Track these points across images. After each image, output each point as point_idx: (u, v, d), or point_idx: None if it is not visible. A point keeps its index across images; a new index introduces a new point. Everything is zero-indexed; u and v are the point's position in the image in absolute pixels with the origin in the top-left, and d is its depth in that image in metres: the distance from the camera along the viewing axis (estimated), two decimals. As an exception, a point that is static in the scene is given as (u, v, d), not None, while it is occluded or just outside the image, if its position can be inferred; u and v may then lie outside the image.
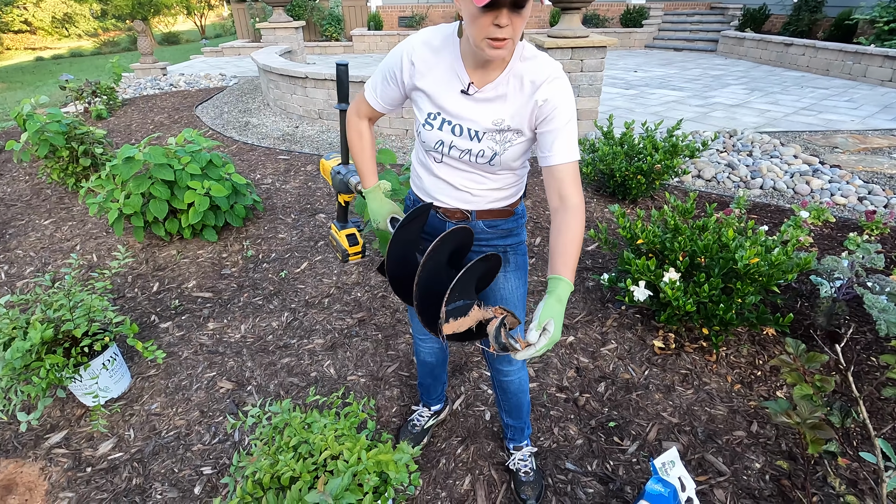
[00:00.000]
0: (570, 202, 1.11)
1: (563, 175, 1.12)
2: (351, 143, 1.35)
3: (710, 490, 1.68)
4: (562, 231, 1.09)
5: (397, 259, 1.15)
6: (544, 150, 1.15)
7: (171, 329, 2.55)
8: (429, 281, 1.06)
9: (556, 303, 1.00)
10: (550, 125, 1.12)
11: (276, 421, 1.37)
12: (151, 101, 7.05)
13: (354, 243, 1.55)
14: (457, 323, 1.04)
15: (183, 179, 2.94)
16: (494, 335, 1.00)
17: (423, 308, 1.05)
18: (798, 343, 1.61)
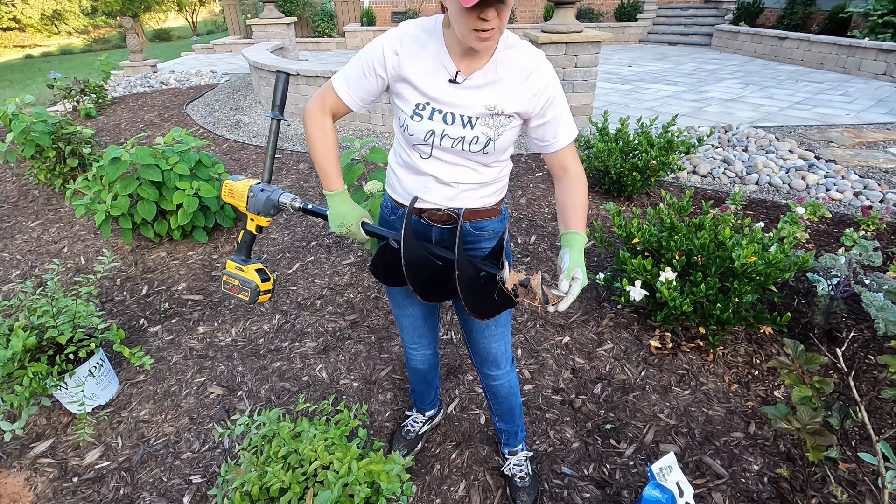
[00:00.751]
0: (573, 171, 1.22)
1: (567, 154, 1.21)
2: (313, 142, 1.28)
3: (707, 494, 1.66)
4: (568, 192, 1.20)
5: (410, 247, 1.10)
6: (548, 139, 1.20)
7: (160, 333, 2.50)
8: (462, 261, 1.08)
9: (578, 253, 1.12)
10: (550, 113, 1.17)
11: (263, 431, 1.33)
12: (141, 100, 6.96)
13: (265, 278, 1.40)
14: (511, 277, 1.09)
15: (171, 180, 2.89)
16: (541, 289, 1.07)
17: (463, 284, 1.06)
18: (797, 344, 1.58)
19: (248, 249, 1.43)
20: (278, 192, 1.35)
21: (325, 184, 1.31)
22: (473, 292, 1.07)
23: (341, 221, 1.30)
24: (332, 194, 1.30)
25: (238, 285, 1.40)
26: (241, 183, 1.39)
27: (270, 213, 1.37)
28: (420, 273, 1.11)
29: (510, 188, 3.89)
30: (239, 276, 1.39)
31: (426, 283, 1.12)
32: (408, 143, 1.23)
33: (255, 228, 1.41)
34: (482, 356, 1.48)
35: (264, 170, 1.40)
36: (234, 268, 1.40)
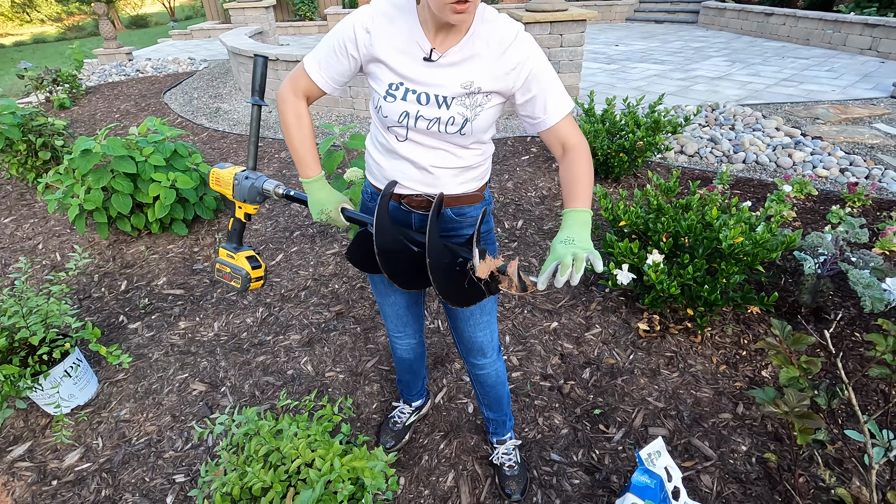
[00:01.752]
0: (572, 143, 1.12)
1: (562, 128, 1.12)
2: (287, 127, 1.22)
3: (696, 476, 1.66)
4: (568, 168, 1.10)
5: (384, 233, 1.06)
6: (538, 115, 1.12)
7: (140, 330, 2.44)
8: (435, 247, 1.01)
9: (571, 233, 0.99)
10: (535, 87, 1.09)
11: (243, 430, 1.29)
12: (117, 89, 6.76)
13: (256, 266, 1.38)
14: (484, 265, 1.02)
15: (146, 172, 2.80)
16: (518, 275, 1.00)
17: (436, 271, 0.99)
18: (784, 324, 1.56)
19: (239, 237, 1.43)
20: (262, 179, 1.34)
21: (302, 171, 1.26)
22: (448, 280, 1.03)
23: (321, 208, 1.25)
24: (309, 181, 1.25)
25: (230, 272, 1.41)
26: (227, 171, 1.39)
27: (256, 201, 1.37)
28: (396, 260, 1.07)
29: (496, 171, 3.84)
30: (230, 264, 1.40)
31: (403, 270, 1.08)
32: (383, 126, 1.17)
33: (243, 216, 1.41)
34: (468, 345, 1.45)
35: (248, 157, 1.37)
36: (226, 255, 1.41)
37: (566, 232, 1.01)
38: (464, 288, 1.05)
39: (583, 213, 1.05)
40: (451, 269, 1.04)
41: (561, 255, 0.95)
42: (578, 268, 0.93)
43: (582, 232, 1.01)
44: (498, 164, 3.99)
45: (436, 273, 0.96)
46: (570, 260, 0.93)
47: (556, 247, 0.98)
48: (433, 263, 0.95)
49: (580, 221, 1.03)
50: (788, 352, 1.54)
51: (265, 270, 1.46)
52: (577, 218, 1.04)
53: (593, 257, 0.95)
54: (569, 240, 0.99)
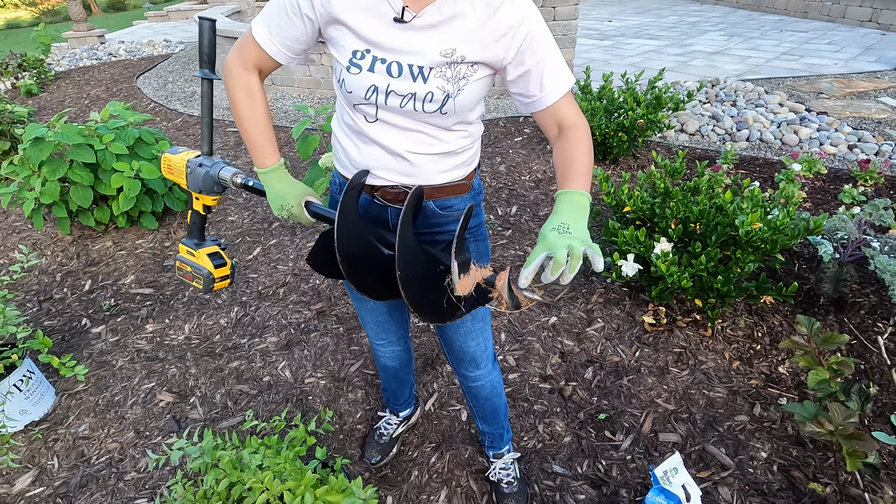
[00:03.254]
0: (569, 122, 0.96)
1: (561, 108, 0.95)
2: (236, 106, 1.01)
3: (713, 488, 1.50)
4: (566, 148, 0.94)
5: (348, 235, 0.86)
6: (532, 92, 0.93)
7: (103, 334, 2.24)
8: (408, 255, 0.81)
9: (553, 230, 0.81)
10: (530, 59, 0.90)
11: (195, 464, 1.11)
12: (88, 73, 6.42)
13: (221, 263, 1.20)
14: (466, 280, 0.83)
15: (107, 161, 2.57)
16: (508, 291, 0.82)
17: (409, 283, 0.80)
18: (812, 321, 1.40)
19: (200, 231, 1.25)
20: (219, 166, 1.14)
21: (256, 159, 1.06)
22: (425, 293, 0.84)
23: (281, 203, 1.06)
24: (265, 171, 1.06)
25: (191, 272, 1.24)
26: (180, 157, 1.19)
27: (214, 191, 1.18)
28: (364, 266, 0.88)
29: (487, 154, 3.63)
30: (191, 262, 1.23)
31: (373, 278, 0.89)
32: (348, 103, 0.97)
33: (201, 208, 1.22)
34: (458, 355, 1.27)
35: (202, 140, 1.17)
36: (186, 252, 1.24)
37: (560, 217, 0.82)
38: (443, 301, 0.86)
39: (580, 195, 0.87)
40: (430, 280, 0.85)
41: (553, 245, 0.77)
42: (573, 266, 0.76)
43: (579, 219, 0.83)
44: (489, 146, 3.78)
45: (409, 287, 0.77)
46: (563, 254, 0.76)
47: (546, 235, 0.80)
48: (405, 276, 0.76)
49: (577, 205, 0.85)
50: (817, 352, 1.38)
51: (232, 268, 1.28)
52: (574, 201, 0.86)
53: (592, 253, 0.77)
54: (563, 228, 0.81)
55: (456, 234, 0.78)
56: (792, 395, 1.77)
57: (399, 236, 0.76)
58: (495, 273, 0.82)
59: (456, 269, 0.77)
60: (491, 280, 0.81)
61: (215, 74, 1.13)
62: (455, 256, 0.77)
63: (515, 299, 0.79)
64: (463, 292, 0.79)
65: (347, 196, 0.88)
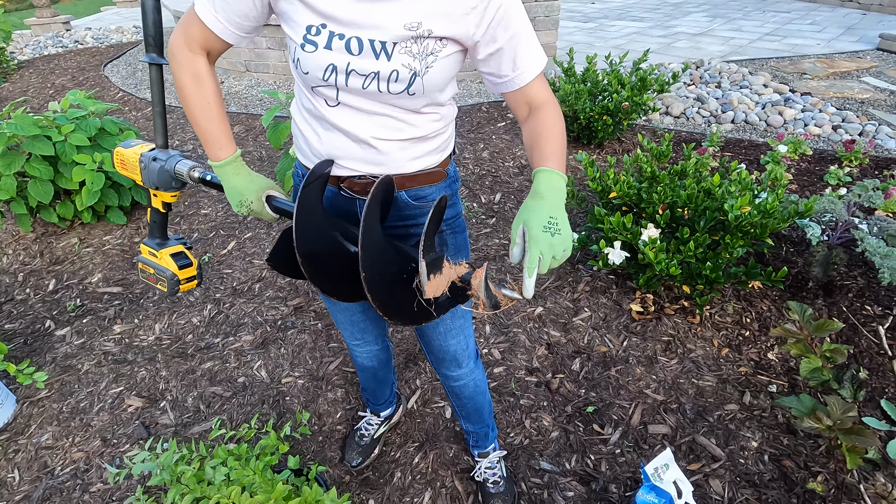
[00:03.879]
0: (539, 101, 0.90)
1: (533, 89, 0.89)
2: (184, 92, 0.91)
3: (704, 481, 1.46)
4: (539, 124, 0.88)
5: (309, 232, 0.78)
6: (505, 73, 0.86)
7: (68, 336, 2.13)
8: (374, 253, 0.73)
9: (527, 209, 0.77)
10: (503, 35, 0.82)
11: (155, 481, 1.03)
12: (53, 62, 6.14)
13: (185, 264, 1.12)
14: (437, 280, 0.76)
15: (67, 153, 2.42)
16: (485, 290, 0.75)
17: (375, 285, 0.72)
18: (804, 308, 1.35)
19: (161, 230, 1.17)
20: (175, 160, 1.06)
21: (210, 150, 0.96)
22: (395, 293, 0.76)
23: (239, 199, 0.96)
24: (220, 165, 0.96)
25: (154, 274, 1.16)
26: (133, 150, 1.11)
27: (172, 186, 1.09)
28: (328, 265, 0.79)
29: (469, 141, 3.54)
30: (153, 263, 1.15)
31: (338, 278, 0.81)
32: (306, 86, 0.88)
33: (161, 205, 1.14)
34: (438, 355, 1.20)
35: (155, 132, 1.07)
36: (148, 253, 1.16)
37: (546, 208, 0.77)
38: (414, 302, 0.79)
39: (559, 178, 0.82)
40: (401, 280, 0.77)
41: (544, 247, 0.74)
42: (545, 269, 0.75)
43: (562, 208, 0.79)
44: (472, 132, 3.69)
45: (376, 289, 0.69)
46: (549, 259, 0.74)
47: (536, 233, 0.74)
48: (371, 276, 0.68)
49: (556, 188, 0.80)
50: (810, 339, 1.33)
51: (199, 268, 1.19)
52: (553, 183, 0.81)
53: (566, 254, 0.76)
54: (552, 225, 0.76)
55: (423, 231, 0.70)
56: (781, 381, 1.74)
57: (363, 233, 0.68)
58: (473, 269, 0.74)
59: (424, 270, 0.70)
60: (467, 278, 0.73)
61: (164, 58, 1.03)
62: (423, 255, 0.69)
63: (494, 298, 0.72)
64: (433, 294, 0.71)
65: (307, 189, 0.79)
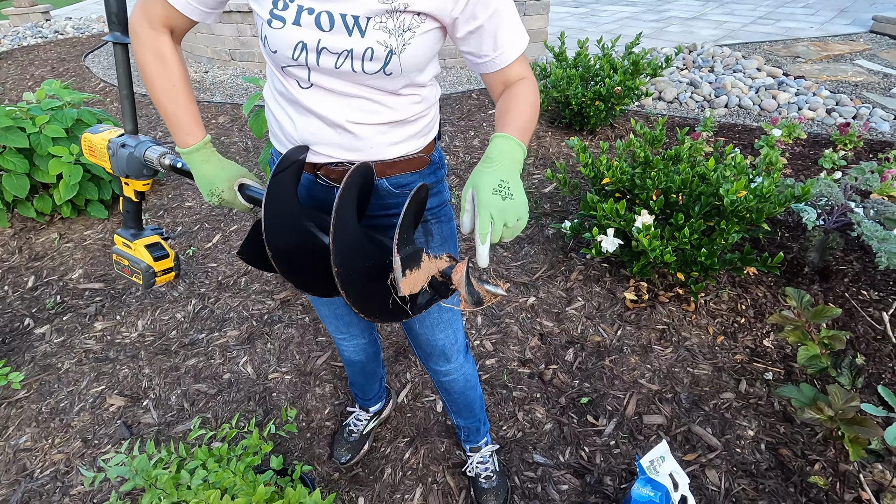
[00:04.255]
0: (515, 78, 0.86)
1: (514, 69, 0.84)
2: (147, 73, 0.85)
3: (700, 472, 1.44)
4: (506, 102, 0.84)
5: (281, 224, 0.73)
6: (486, 51, 0.81)
7: (48, 334, 2.06)
8: (347, 247, 0.68)
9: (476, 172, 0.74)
10: (483, 12, 0.77)
11: (125, 487, 0.98)
12: (32, 53, 5.98)
13: (161, 255, 1.07)
14: (413, 276, 0.71)
15: (42, 146, 2.34)
16: (466, 286, 0.70)
17: (349, 281, 0.66)
18: (801, 294, 1.32)
19: (136, 219, 1.12)
20: (145, 146, 1.00)
21: (177, 136, 0.90)
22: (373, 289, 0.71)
23: (209, 188, 0.90)
24: (187, 151, 0.90)
25: (128, 266, 1.11)
26: (101, 136, 1.05)
27: (143, 175, 1.04)
28: (302, 260, 0.74)
29: (460, 128, 3.48)
30: (127, 255, 1.10)
31: (312, 272, 0.76)
32: (276, 66, 0.82)
33: (133, 194, 1.08)
34: (425, 349, 1.15)
35: (123, 117, 1.01)
36: (122, 244, 1.10)
37: (497, 171, 0.73)
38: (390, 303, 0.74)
39: (517, 146, 0.77)
40: (380, 274, 0.72)
41: (494, 211, 0.69)
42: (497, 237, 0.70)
43: (515, 174, 0.75)
44: (463, 119, 3.62)
45: (350, 285, 0.64)
46: (500, 227, 0.70)
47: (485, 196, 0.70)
48: (345, 272, 0.63)
49: (509, 154, 0.76)
50: (808, 326, 1.30)
51: (176, 259, 1.14)
52: (506, 149, 0.76)
53: (521, 223, 0.72)
54: (504, 188, 0.71)
55: (398, 223, 0.65)
56: (777, 368, 1.71)
57: (335, 224, 0.63)
58: (455, 261, 0.69)
59: (398, 265, 0.64)
60: (448, 273, 0.68)
61: (128, 37, 0.96)
62: (398, 249, 0.64)
63: (476, 294, 0.67)
64: (409, 291, 0.66)
65: (277, 178, 0.73)
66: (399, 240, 0.64)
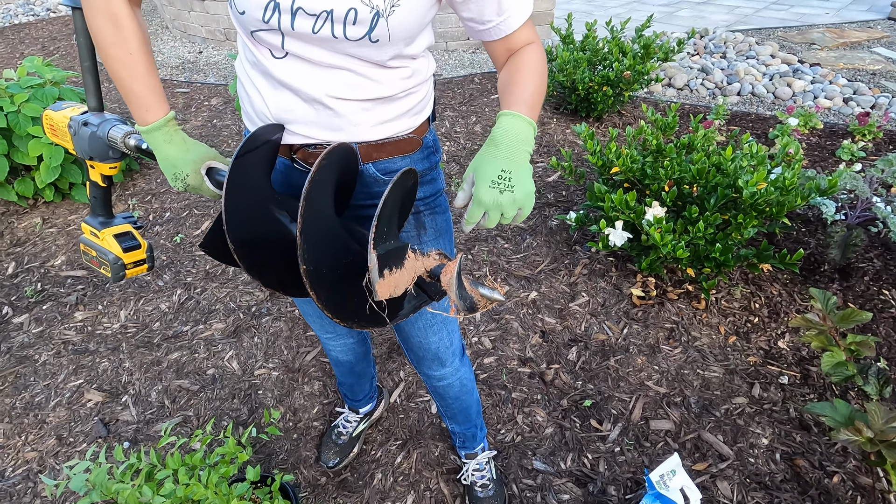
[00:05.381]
0: (520, 45, 0.76)
1: (519, 36, 0.75)
2: (99, 42, 0.74)
3: (711, 483, 1.35)
4: (511, 70, 0.75)
5: (245, 213, 0.63)
6: (490, 16, 0.71)
7: (26, 324, 1.97)
8: (320, 241, 0.57)
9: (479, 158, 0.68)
10: None
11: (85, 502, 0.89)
12: (23, 31, 5.82)
13: (132, 246, 0.97)
14: (394, 277, 0.60)
15: (21, 125, 2.22)
16: (457, 288, 0.58)
17: (320, 282, 0.56)
18: (827, 295, 1.22)
19: (104, 206, 1.01)
20: (109, 125, 0.89)
21: (135, 113, 0.79)
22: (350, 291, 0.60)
23: (173, 172, 0.79)
24: (147, 130, 0.79)
25: (96, 257, 1.01)
26: (63, 113, 0.94)
27: (109, 157, 0.93)
28: (270, 255, 0.64)
29: (462, 114, 3.34)
30: (95, 245, 1.00)
31: (284, 269, 0.65)
32: (245, 32, 0.71)
33: (99, 178, 0.98)
34: (417, 352, 1.05)
35: (86, 92, 0.90)
36: (90, 234, 1.01)
37: (500, 160, 0.65)
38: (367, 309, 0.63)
39: (523, 122, 0.68)
40: (359, 273, 0.61)
41: (489, 206, 0.64)
42: (492, 224, 0.66)
43: (522, 161, 0.66)
44: (464, 104, 3.49)
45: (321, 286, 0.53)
46: (496, 217, 0.65)
47: (482, 190, 0.63)
48: (315, 270, 0.52)
49: (517, 135, 0.66)
50: (833, 331, 1.20)
51: (150, 251, 1.03)
52: (514, 129, 0.67)
53: (524, 212, 0.67)
54: (504, 181, 0.64)
55: (376, 215, 0.54)
56: (793, 372, 1.61)
57: (303, 215, 0.52)
58: (446, 259, 0.59)
59: (374, 265, 0.54)
60: (436, 272, 0.58)
61: None
62: (374, 245, 0.53)
63: (469, 299, 0.57)
64: (388, 294, 0.56)
65: (241, 161, 0.63)
66: (376, 234, 0.53)
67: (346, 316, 0.59)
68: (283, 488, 1.21)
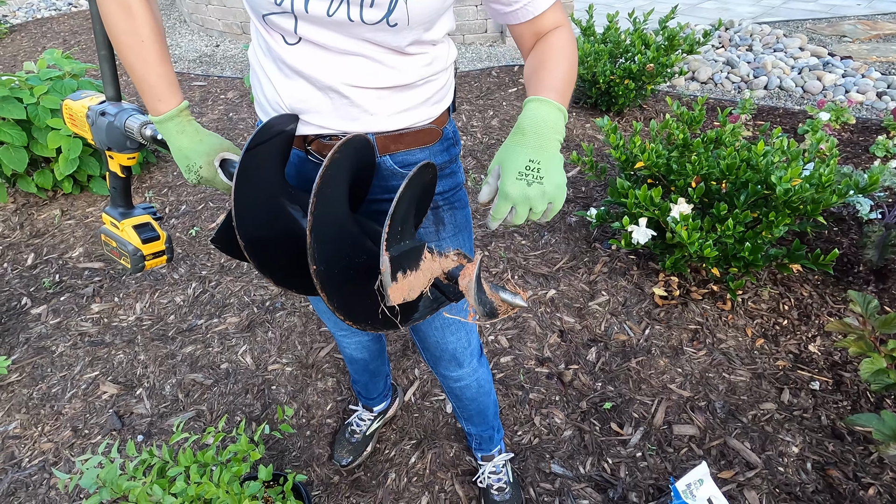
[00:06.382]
0: (548, 28, 0.72)
1: (549, 18, 0.70)
2: (111, 29, 0.72)
3: (738, 492, 1.29)
4: (540, 55, 0.70)
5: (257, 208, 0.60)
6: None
7: (44, 315, 1.98)
8: (332, 239, 0.54)
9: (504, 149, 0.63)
10: None
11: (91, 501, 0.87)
12: (46, 25, 5.90)
13: (151, 237, 0.95)
14: (408, 280, 0.56)
15: (40, 117, 2.24)
16: (476, 293, 0.54)
17: (331, 282, 0.53)
18: (867, 299, 1.15)
19: (124, 197, 1.01)
20: (126, 115, 0.87)
21: (148, 102, 0.77)
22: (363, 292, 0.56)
23: (186, 163, 0.77)
24: (160, 120, 0.76)
25: (116, 248, 1.01)
26: (82, 103, 0.93)
27: (127, 147, 0.92)
28: (281, 252, 0.61)
29: (479, 108, 3.29)
30: (115, 236, 1.00)
31: (297, 268, 0.62)
32: (257, 16, 0.67)
33: (118, 169, 0.97)
34: (434, 352, 1.01)
35: (104, 81, 0.88)
36: (110, 224, 1.01)
37: (528, 149, 0.60)
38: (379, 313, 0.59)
39: (552, 108, 0.63)
40: (373, 273, 0.57)
41: (517, 199, 0.59)
42: (520, 221, 0.61)
43: (552, 152, 0.61)
44: (481, 98, 3.43)
45: (331, 286, 0.50)
46: (524, 212, 0.60)
47: (508, 182, 0.59)
48: (327, 270, 0.49)
49: (546, 123, 0.61)
50: (873, 337, 1.13)
51: (168, 242, 1.01)
52: (543, 116, 0.62)
53: (555, 207, 0.61)
54: (532, 172, 0.59)
55: (391, 212, 0.50)
56: (825, 377, 1.54)
57: (314, 212, 0.49)
58: (466, 260, 0.55)
59: (387, 267, 0.50)
60: (454, 274, 0.54)
61: None
62: (387, 247, 0.49)
63: (489, 304, 0.53)
64: (402, 298, 0.52)
65: (252, 153, 0.59)
66: (389, 234, 0.49)
67: (358, 318, 0.55)
68: (295, 488, 1.19)
